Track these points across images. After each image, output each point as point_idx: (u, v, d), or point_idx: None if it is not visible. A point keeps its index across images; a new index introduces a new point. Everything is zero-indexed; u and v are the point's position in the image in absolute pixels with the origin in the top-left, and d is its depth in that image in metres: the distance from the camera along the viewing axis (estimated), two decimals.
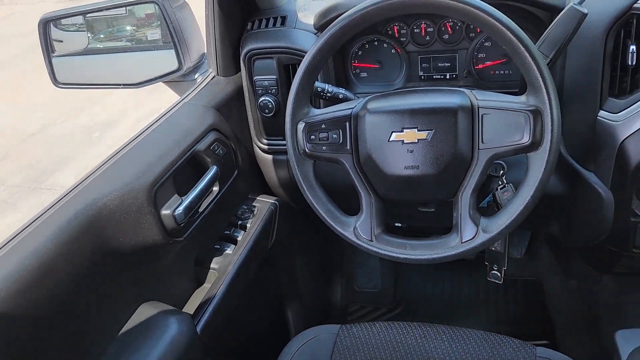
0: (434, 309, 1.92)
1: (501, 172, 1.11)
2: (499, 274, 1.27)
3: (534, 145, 0.88)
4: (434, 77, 1.30)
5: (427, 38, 1.27)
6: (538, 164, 0.89)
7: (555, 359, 1.05)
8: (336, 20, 0.95)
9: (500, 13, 0.87)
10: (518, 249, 1.83)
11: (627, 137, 1.04)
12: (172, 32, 1.36)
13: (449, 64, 1.27)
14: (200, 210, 1.17)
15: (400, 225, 1.52)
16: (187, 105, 1.26)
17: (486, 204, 1.17)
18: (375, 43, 1.31)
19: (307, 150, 1.01)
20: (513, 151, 0.90)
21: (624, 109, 1.04)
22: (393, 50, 1.30)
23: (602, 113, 1.07)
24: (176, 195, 1.09)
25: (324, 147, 1.01)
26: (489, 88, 1.17)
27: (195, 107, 1.26)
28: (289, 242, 1.55)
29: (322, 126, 1.00)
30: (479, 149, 0.93)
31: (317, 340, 1.17)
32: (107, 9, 1.44)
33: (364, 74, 1.35)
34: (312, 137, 1.01)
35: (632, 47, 1.00)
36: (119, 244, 0.97)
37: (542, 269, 1.84)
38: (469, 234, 0.94)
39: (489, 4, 1.13)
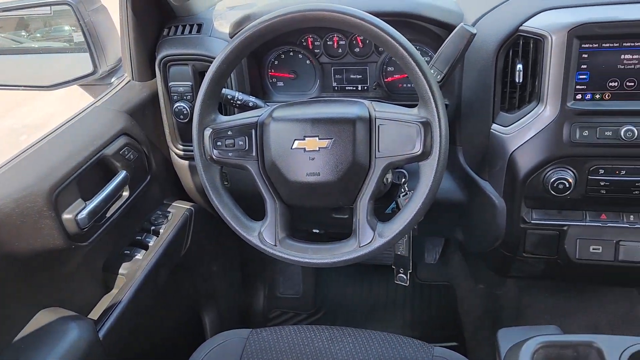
0: (353, 314, 1.97)
1: (403, 180, 1.17)
2: (404, 277, 1.33)
3: (425, 154, 0.94)
4: (347, 88, 1.35)
5: (340, 50, 1.32)
6: (428, 172, 0.94)
7: (451, 358, 1.11)
8: (241, 31, 0.97)
9: (394, 30, 0.93)
10: (432, 255, 1.91)
11: (516, 149, 1.12)
12: (86, 35, 1.34)
13: (361, 76, 1.33)
14: (108, 215, 1.16)
15: (317, 231, 1.55)
16: (98, 109, 1.25)
17: (390, 210, 1.22)
18: (291, 54, 1.35)
19: (213, 156, 1.03)
20: (406, 160, 0.96)
21: (513, 123, 1.12)
22: (308, 61, 1.34)
23: (494, 126, 1.15)
24: (80, 199, 1.08)
25: (230, 154, 1.03)
26: (396, 100, 1.24)
27: (106, 111, 1.25)
28: (205, 248, 1.55)
29: (229, 133, 1.02)
30: (375, 157, 0.97)
31: (227, 345, 1.18)
32: (17, 9, 1.41)
33: (280, 84, 1.38)
34: (219, 143, 1.02)
35: (519, 66, 1.08)
36: (15, 248, 0.95)
37: (454, 274, 1.93)
38: (366, 239, 0.98)
39: (389, 18, 1.20)
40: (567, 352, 0.88)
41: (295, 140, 0.99)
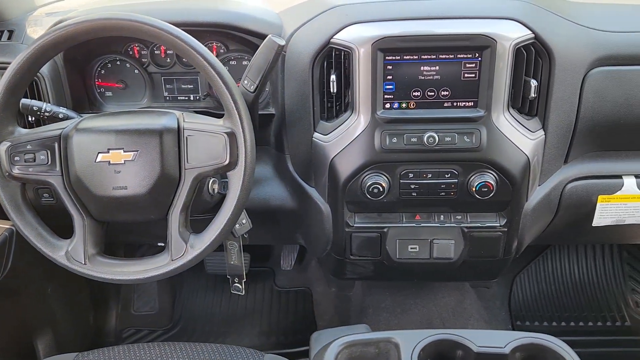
0: (211, 326, 1.94)
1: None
2: (240, 286, 1.33)
3: (232, 164, 0.95)
4: (179, 98, 1.33)
5: (168, 60, 1.29)
6: (236, 182, 0.95)
7: None
8: (34, 40, 0.92)
9: (196, 41, 0.93)
10: (288, 262, 1.94)
11: (335, 156, 1.17)
12: None
13: (192, 86, 1.31)
14: None
15: (162, 244, 1.51)
16: None
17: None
18: (118, 63, 1.30)
19: (12, 172, 0.96)
20: (214, 170, 0.96)
21: (332, 131, 1.17)
22: (136, 71, 1.30)
23: (316, 135, 1.19)
24: None
25: (30, 169, 0.97)
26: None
27: None
28: (35, 268, 1.45)
29: (28, 147, 0.96)
30: (185, 169, 0.97)
31: None
32: None
33: (109, 93, 1.33)
34: (17, 158, 0.96)
35: (333, 77, 1.12)
36: None
37: (311, 279, 1.97)
38: (178, 252, 0.97)
39: (204, 29, 1.20)
40: (370, 349, 0.92)
41: (99, 153, 0.95)
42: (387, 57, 1.09)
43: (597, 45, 1.12)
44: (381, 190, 1.15)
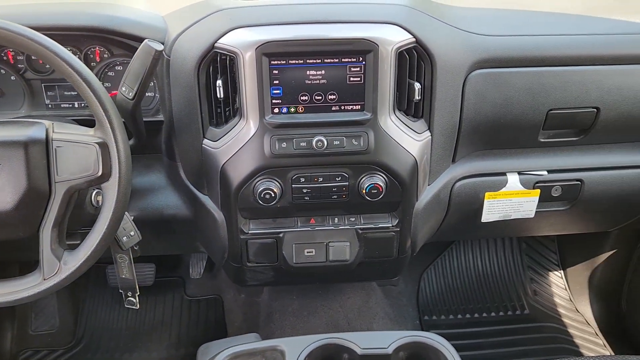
0: (117, 341, 1.86)
1: None
2: (134, 300, 1.28)
3: (105, 176, 0.90)
4: (62, 105, 1.26)
5: (47, 65, 1.22)
6: (110, 195, 0.91)
7: None
8: None
9: (60, 47, 0.88)
10: (196, 270, 1.89)
11: (225, 163, 1.14)
12: None
13: (76, 93, 1.25)
14: None
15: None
16: None
17: None
18: None
19: None
20: (87, 183, 0.91)
21: (221, 137, 1.14)
22: (12, 77, 1.22)
23: (205, 141, 1.16)
24: None
25: None
26: None
27: None
28: None
29: None
30: (55, 182, 0.91)
31: None
32: None
33: None
34: None
35: (219, 82, 1.10)
36: None
37: (221, 286, 1.93)
38: (51, 270, 0.92)
39: (81, 33, 1.14)
40: (256, 359, 0.91)
41: None
42: (272, 62, 1.08)
43: (475, 48, 1.16)
44: (273, 195, 1.14)
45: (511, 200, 1.33)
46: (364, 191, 1.16)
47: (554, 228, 1.55)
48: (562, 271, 2.06)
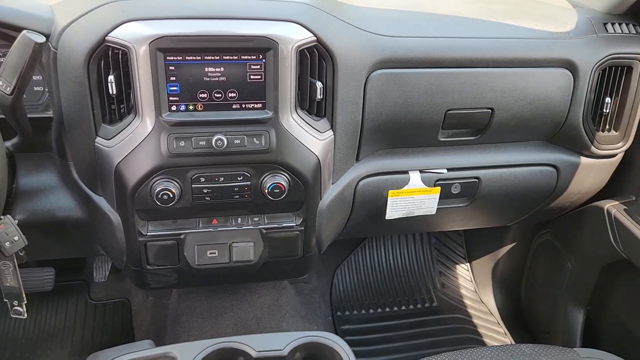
0: (13, 351, 1.74)
1: None
2: (20, 309, 1.20)
3: None
4: None
5: None
6: None
7: None
8: None
9: None
10: (101, 273, 1.81)
11: (120, 162, 1.09)
12: None
13: None
14: None
15: None
16: None
17: None
18: None
19: None
20: None
21: (115, 135, 1.09)
22: None
23: (98, 139, 1.10)
24: None
25: None
26: None
27: None
28: None
29: None
30: None
31: None
32: None
33: None
34: None
35: (111, 77, 1.05)
36: None
37: (129, 289, 1.86)
38: None
39: None
40: None
41: None
42: (168, 58, 1.04)
43: (376, 48, 1.17)
44: (172, 196, 1.11)
45: (413, 197, 1.37)
46: (266, 191, 1.15)
47: (456, 224, 1.61)
48: (468, 264, 2.14)
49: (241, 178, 1.14)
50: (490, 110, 1.27)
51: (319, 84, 1.13)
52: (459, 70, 1.22)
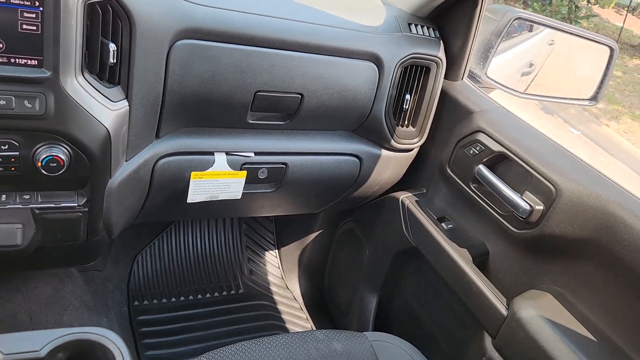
0: None
1: None
2: None
3: None
4: None
5: None
6: None
7: None
8: None
9: None
10: None
11: None
12: None
13: None
14: None
15: None
16: None
17: None
18: None
19: None
20: None
21: None
22: None
23: None
24: None
25: None
26: None
27: None
28: None
29: None
30: None
31: None
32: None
33: None
34: None
35: None
36: None
37: None
38: None
39: None
40: None
41: None
42: None
43: (182, 15, 1.07)
44: None
45: (218, 180, 1.29)
46: (39, 164, 0.98)
47: (263, 210, 1.58)
48: (277, 251, 2.15)
49: (6, 147, 0.96)
50: (300, 96, 1.25)
51: (112, 46, 0.99)
52: (270, 50, 1.18)
